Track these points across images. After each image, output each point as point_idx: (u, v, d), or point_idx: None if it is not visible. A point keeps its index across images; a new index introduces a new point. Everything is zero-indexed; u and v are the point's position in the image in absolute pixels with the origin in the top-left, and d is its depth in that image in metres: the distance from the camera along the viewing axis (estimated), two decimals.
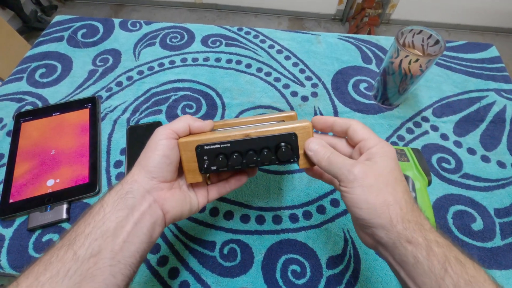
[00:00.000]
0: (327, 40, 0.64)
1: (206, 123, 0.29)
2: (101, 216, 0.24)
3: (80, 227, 0.23)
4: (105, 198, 0.25)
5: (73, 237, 0.23)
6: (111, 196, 0.25)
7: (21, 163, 0.45)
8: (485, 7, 1.76)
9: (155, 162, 0.26)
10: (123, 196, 0.25)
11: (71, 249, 0.22)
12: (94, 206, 0.25)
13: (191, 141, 0.27)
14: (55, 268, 0.21)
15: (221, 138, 0.27)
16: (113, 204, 0.24)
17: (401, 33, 0.46)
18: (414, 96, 0.55)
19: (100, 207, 0.24)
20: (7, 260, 0.38)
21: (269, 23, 1.96)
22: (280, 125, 0.28)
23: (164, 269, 0.38)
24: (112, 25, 0.66)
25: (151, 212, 0.25)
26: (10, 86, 0.56)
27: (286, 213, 0.43)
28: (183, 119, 0.28)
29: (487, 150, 0.49)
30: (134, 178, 0.26)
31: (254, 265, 0.39)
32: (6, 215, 0.41)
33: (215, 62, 0.60)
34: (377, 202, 0.22)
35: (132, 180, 0.26)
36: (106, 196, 0.25)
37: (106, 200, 0.25)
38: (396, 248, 0.21)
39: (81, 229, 0.23)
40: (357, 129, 0.26)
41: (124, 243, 0.23)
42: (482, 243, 0.40)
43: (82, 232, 0.23)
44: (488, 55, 0.62)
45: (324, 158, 0.26)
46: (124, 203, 0.24)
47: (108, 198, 0.25)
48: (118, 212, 0.24)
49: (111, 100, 0.54)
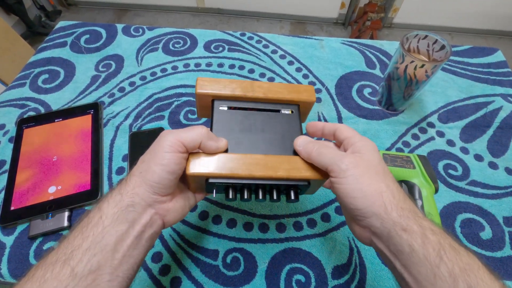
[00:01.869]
0: (331, 45, 0.64)
1: (220, 145, 0.26)
2: (100, 229, 0.22)
3: (77, 240, 0.22)
4: (103, 208, 0.24)
5: (70, 251, 0.21)
6: (110, 206, 0.23)
7: (23, 169, 0.45)
8: (488, 11, 1.75)
9: (159, 178, 0.24)
10: (123, 209, 0.23)
11: (68, 265, 0.21)
12: (91, 216, 0.23)
13: (201, 174, 0.26)
14: (50, 286, 0.20)
15: (233, 174, 0.26)
16: (112, 217, 0.23)
17: (406, 38, 0.45)
18: (419, 102, 0.55)
19: (98, 218, 0.23)
20: (7, 269, 0.38)
21: (271, 28, 1.97)
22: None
23: (166, 278, 0.38)
24: (115, 31, 0.66)
25: (151, 224, 0.25)
26: (13, 92, 0.56)
27: (290, 221, 0.42)
28: (196, 132, 0.25)
29: (495, 156, 0.48)
30: (135, 191, 0.24)
31: (258, 274, 0.38)
32: (7, 222, 0.40)
33: (218, 67, 0.60)
34: (371, 190, 0.22)
35: (133, 192, 0.24)
36: (105, 205, 0.24)
37: (104, 210, 0.23)
38: (391, 238, 0.21)
39: (78, 242, 0.22)
40: (343, 129, 0.27)
41: (123, 257, 0.23)
42: (491, 252, 0.39)
43: (80, 246, 0.22)
44: (494, 60, 0.61)
45: (314, 150, 0.26)
46: (125, 217, 0.23)
47: (108, 209, 0.23)
48: (118, 226, 0.23)
49: (114, 106, 0.54)
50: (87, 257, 0.21)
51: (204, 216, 0.42)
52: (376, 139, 0.50)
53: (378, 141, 0.49)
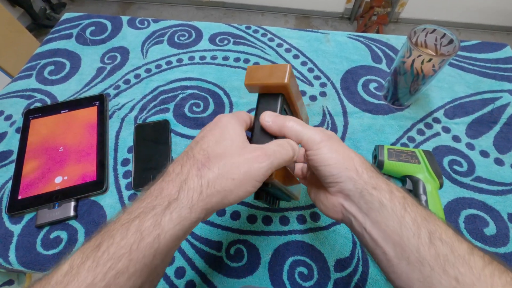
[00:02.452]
0: (336, 38, 0.63)
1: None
2: (153, 251, 0.20)
3: (122, 262, 0.18)
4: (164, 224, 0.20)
5: (113, 274, 0.18)
6: (172, 222, 0.20)
7: (30, 160, 0.45)
8: (496, 6, 1.72)
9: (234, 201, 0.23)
10: (185, 229, 0.21)
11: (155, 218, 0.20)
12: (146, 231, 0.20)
13: None
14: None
15: None
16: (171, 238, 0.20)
17: (413, 32, 0.45)
18: (425, 97, 0.54)
19: (156, 236, 0.20)
20: (15, 256, 0.39)
21: (275, 22, 1.95)
22: None
23: (170, 268, 0.38)
24: (120, 23, 0.66)
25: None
26: (20, 83, 0.56)
27: (294, 214, 0.42)
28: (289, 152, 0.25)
29: (501, 153, 0.47)
30: (207, 208, 0.22)
31: (261, 266, 0.38)
32: (14, 211, 0.41)
33: (222, 60, 0.60)
34: (344, 156, 0.25)
35: (204, 209, 0.22)
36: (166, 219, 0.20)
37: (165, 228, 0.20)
38: (363, 197, 0.23)
39: (124, 264, 0.19)
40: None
41: (162, 270, 0.22)
42: (495, 248, 0.39)
43: (126, 270, 0.19)
44: (502, 55, 0.60)
45: (286, 123, 0.25)
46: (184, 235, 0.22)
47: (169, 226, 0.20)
48: (173, 249, 0.22)
49: (119, 98, 0.54)
50: (132, 281, 0.19)
51: None
52: (381, 134, 0.49)
53: (383, 136, 0.49)
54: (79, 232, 0.41)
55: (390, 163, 0.43)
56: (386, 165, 0.43)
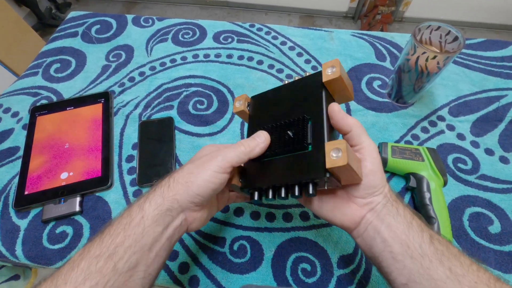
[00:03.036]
0: (340, 36, 0.63)
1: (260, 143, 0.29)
2: (141, 229, 0.24)
3: (120, 237, 0.24)
4: (145, 208, 0.26)
5: (113, 247, 0.23)
6: (151, 208, 0.26)
7: (36, 156, 0.46)
8: (501, 5, 1.70)
9: (203, 192, 0.26)
10: (163, 213, 0.26)
11: (111, 260, 0.23)
12: (134, 214, 0.25)
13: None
14: (94, 279, 0.22)
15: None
16: (152, 219, 0.25)
17: (418, 29, 0.45)
18: (429, 95, 0.54)
19: (140, 218, 0.25)
20: (22, 251, 0.39)
21: (279, 21, 1.95)
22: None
23: (174, 263, 0.38)
24: (125, 21, 0.66)
25: (180, 229, 0.27)
26: (26, 80, 0.57)
27: (297, 210, 0.42)
28: (241, 151, 0.28)
29: (506, 151, 0.47)
30: (176, 198, 0.26)
31: (264, 262, 0.38)
32: (21, 206, 0.42)
33: (226, 58, 0.60)
34: (381, 172, 0.27)
35: (174, 198, 0.26)
36: (147, 205, 0.26)
37: (146, 211, 0.25)
38: (385, 207, 0.26)
39: (121, 239, 0.24)
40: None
41: (155, 257, 0.25)
42: (499, 246, 0.39)
43: (122, 243, 0.24)
44: (508, 53, 0.60)
45: (353, 123, 0.28)
46: (162, 219, 0.26)
47: (149, 210, 0.25)
48: (156, 228, 0.25)
49: (124, 95, 0.54)
50: (128, 255, 0.23)
51: None
52: (385, 132, 0.49)
53: (387, 134, 0.49)
54: (84, 227, 0.41)
55: (394, 161, 0.43)
56: (389, 163, 0.43)
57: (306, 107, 0.29)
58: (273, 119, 0.31)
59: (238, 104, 0.34)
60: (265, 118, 0.32)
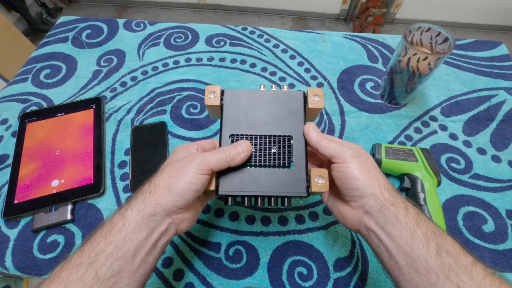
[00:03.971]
0: (333, 39, 0.63)
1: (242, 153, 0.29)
2: (123, 235, 0.24)
3: (101, 244, 0.24)
4: (127, 215, 0.25)
5: (94, 255, 0.23)
6: (133, 214, 0.25)
7: (26, 163, 0.45)
8: (491, 5, 1.73)
9: (185, 194, 0.26)
10: (145, 218, 0.25)
11: (92, 268, 0.22)
12: (115, 222, 0.25)
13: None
14: (75, 287, 0.21)
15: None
16: (135, 224, 0.25)
17: (409, 31, 0.45)
18: (421, 95, 0.54)
19: (122, 225, 0.25)
20: (12, 261, 0.38)
21: (272, 24, 1.96)
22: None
23: (169, 270, 0.38)
24: (116, 26, 0.66)
25: (167, 232, 0.27)
26: (16, 86, 0.56)
27: (292, 214, 0.42)
28: (221, 157, 0.28)
29: (498, 150, 0.48)
30: (159, 202, 0.26)
31: (260, 267, 0.38)
32: (11, 215, 0.41)
33: (219, 62, 0.60)
34: (371, 175, 0.27)
35: (157, 203, 0.26)
36: (128, 212, 0.25)
37: (128, 217, 0.25)
38: (381, 212, 0.25)
39: (102, 246, 0.23)
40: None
41: (141, 263, 0.25)
42: (493, 245, 0.39)
43: (103, 250, 0.23)
44: (497, 53, 0.61)
45: (323, 139, 0.29)
46: (146, 225, 0.25)
47: (131, 216, 0.25)
48: (139, 233, 0.25)
49: (116, 100, 0.54)
50: (109, 262, 0.23)
51: (206, 209, 0.42)
52: (378, 133, 0.49)
53: (380, 135, 0.49)
54: (76, 235, 0.40)
55: (388, 162, 0.43)
56: (384, 164, 0.43)
57: (288, 124, 0.31)
58: (253, 126, 0.31)
59: (213, 96, 0.32)
60: (242, 122, 0.32)
